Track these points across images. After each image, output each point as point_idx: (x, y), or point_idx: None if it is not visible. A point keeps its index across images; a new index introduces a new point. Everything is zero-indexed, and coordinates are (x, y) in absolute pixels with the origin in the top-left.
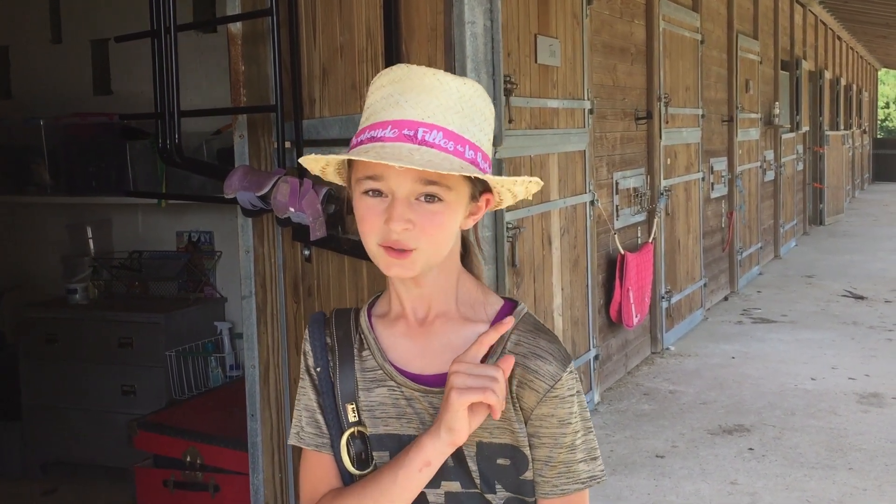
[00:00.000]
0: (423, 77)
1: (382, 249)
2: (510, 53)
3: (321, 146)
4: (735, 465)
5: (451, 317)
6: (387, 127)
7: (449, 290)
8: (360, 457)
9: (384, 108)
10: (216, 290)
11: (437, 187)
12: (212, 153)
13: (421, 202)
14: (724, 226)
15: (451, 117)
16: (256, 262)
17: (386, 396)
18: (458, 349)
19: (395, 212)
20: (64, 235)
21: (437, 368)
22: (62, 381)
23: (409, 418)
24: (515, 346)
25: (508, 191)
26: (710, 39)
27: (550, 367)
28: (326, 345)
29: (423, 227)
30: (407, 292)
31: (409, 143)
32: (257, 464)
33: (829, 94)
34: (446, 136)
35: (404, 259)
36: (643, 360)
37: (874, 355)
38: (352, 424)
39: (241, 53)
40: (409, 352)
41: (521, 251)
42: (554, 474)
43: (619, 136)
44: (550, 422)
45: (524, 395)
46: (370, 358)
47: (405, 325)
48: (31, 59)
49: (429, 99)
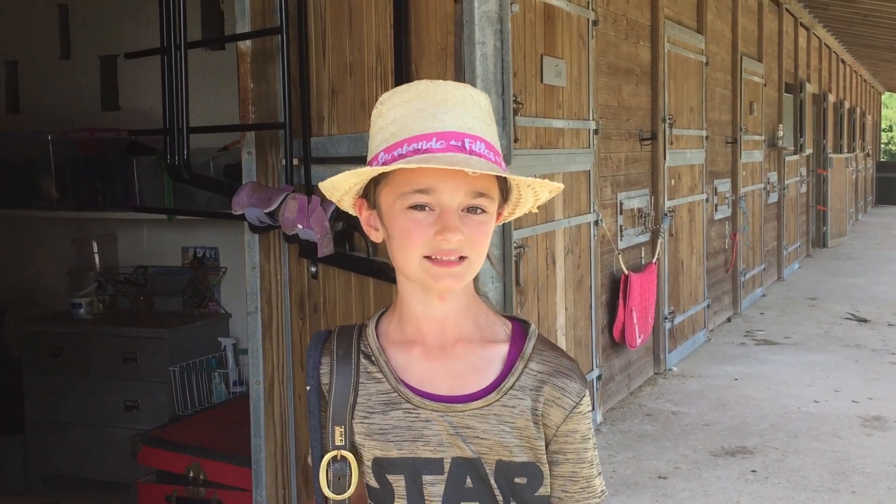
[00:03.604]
0: (455, 90)
1: (429, 262)
2: (516, 73)
3: (329, 164)
4: (738, 487)
5: (472, 338)
6: (431, 139)
7: (469, 309)
8: (337, 480)
9: (419, 121)
10: (221, 306)
11: (484, 199)
12: (218, 169)
13: (466, 214)
14: (727, 247)
15: (485, 129)
16: (262, 279)
17: (401, 420)
18: (482, 370)
19: (452, 223)
20: (70, 250)
21: (463, 389)
22: (66, 396)
23: (425, 440)
24: (539, 364)
25: (534, 198)
26: (715, 61)
27: (575, 384)
28: (321, 365)
29: (473, 236)
30: (428, 311)
31: (460, 153)
32: (261, 480)
33: (832, 117)
34: (487, 147)
35: (456, 267)
36: (646, 380)
37: (877, 378)
38: (337, 447)
39: (249, 71)
40: (429, 374)
41: (526, 270)
42: (577, 489)
43: (624, 156)
44: (574, 437)
45: (551, 413)
46: (383, 381)
47: (423, 348)
48: (40, 75)
49: (464, 111)
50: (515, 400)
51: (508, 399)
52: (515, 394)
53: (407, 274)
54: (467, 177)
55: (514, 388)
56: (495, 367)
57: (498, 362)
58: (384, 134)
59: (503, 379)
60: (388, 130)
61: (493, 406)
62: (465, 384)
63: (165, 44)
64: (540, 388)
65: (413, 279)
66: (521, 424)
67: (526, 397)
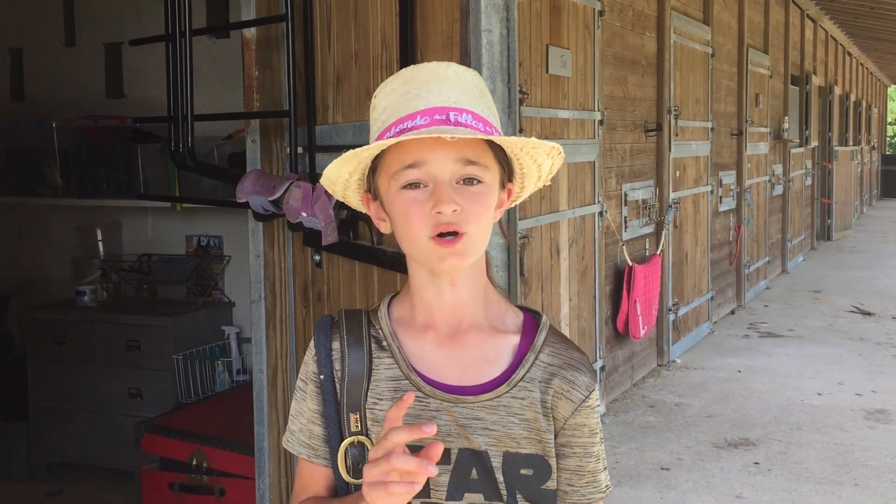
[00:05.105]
0: (437, 69)
1: (433, 242)
2: (522, 63)
3: (334, 152)
4: (740, 478)
5: (483, 327)
6: (415, 117)
7: (479, 298)
8: (356, 466)
9: (404, 104)
10: (224, 295)
11: (476, 167)
12: (223, 158)
13: (462, 185)
14: (731, 239)
15: (473, 102)
16: (266, 267)
17: (411, 408)
18: (492, 361)
19: (444, 194)
20: (74, 238)
21: (472, 380)
22: (69, 383)
23: None
24: (550, 356)
25: (535, 165)
26: (721, 53)
27: (585, 377)
28: (332, 351)
29: (470, 208)
30: (439, 297)
31: (445, 125)
32: (263, 468)
33: (838, 110)
34: (475, 118)
35: (456, 244)
36: (649, 372)
37: (881, 371)
38: (353, 434)
39: (254, 58)
40: (440, 363)
41: (530, 261)
42: (583, 483)
43: (629, 147)
44: (582, 431)
45: (559, 406)
46: (394, 367)
47: (435, 335)
48: (45, 62)
49: (448, 87)
50: (525, 392)
51: (518, 391)
52: (525, 385)
53: (415, 257)
54: (455, 145)
55: (524, 380)
56: (506, 357)
57: (508, 353)
58: (377, 125)
59: (513, 370)
60: (380, 120)
61: (502, 398)
62: (475, 374)
63: (170, 31)
64: (550, 380)
65: (421, 262)
66: (531, 416)
67: (535, 389)
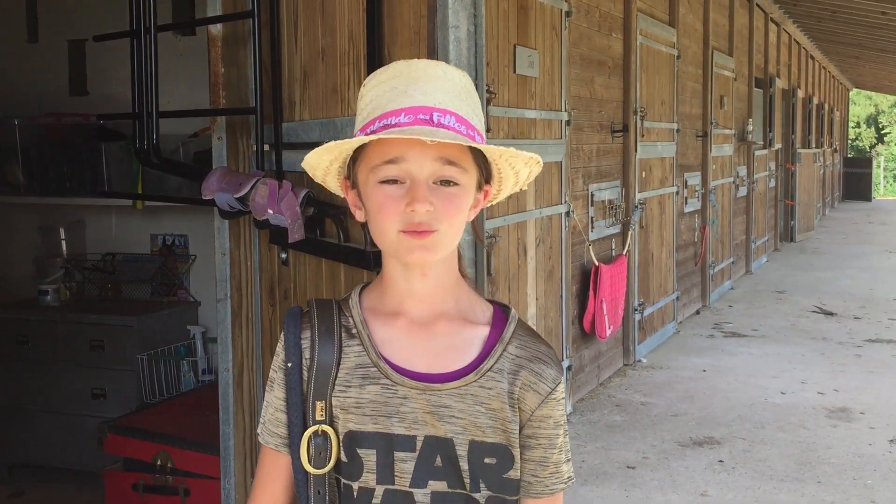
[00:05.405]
0: (428, 68)
1: (403, 235)
2: (489, 63)
3: (301, 149)
4: (705, 476)
5: (453, 318)
6: (400, 114)
7: (450, 289)
8: (318, 455)
9: (391, 99)
10: (190, 294)
11: (455, 168)
12: (188, 156)
13: (439, 186)
14: (696, 240)
15: (458, 104)
16: (232, 265)
17: (378, 394)
18: (461, 350)
19: (420, 193)
20: (36, 236)
21: (441, 368)
22: (32, 383)
23: (400, 417)
24: (518, 349)
25: (513, 172)
26: (686, 55)
27: (552, 370)
28: (302, 340)
29: (444, 208)
30: (410, 287)
31: (427, 125)
32: (229, 468)
33: (801, 112)
34: (458, 121)
35: (426, 239)
36: (615, 371)
37: (843, 370)
38: (317, 422)
39: (220, 55)
40: (409, 350)
41: (497, 260)
42: (546, 474)
43: (596, 148)
44: (548, 423)
45: (526, 397)
46: (363, 354)
47: (405, 322)
48: (7, 59)
49: (436, 87)
50: (492, 382)
51: (486, 381)
52: (493, 376)
53: (384, 248)
54: (435, 146)
55: (491, 371)
56: (474, 348)
57: (477, 344)
58: (362, 115)
59: (482, 360)
60: (365, 111)
61: (470, 386)
62: (443, 363)
63: (135, 27)
64: (517, 372)
65: (390, 253)
66: (497, 406)
67: (503, 380)
